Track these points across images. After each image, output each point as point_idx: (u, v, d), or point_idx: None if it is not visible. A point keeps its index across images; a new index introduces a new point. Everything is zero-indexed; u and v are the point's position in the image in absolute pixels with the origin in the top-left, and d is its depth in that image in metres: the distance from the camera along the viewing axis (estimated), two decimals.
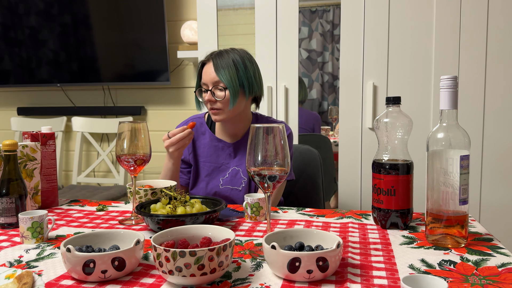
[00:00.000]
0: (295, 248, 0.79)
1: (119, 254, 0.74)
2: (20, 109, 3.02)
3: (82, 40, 2.75)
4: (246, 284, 0.73)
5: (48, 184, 1.32)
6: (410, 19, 1.92)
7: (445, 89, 0.91)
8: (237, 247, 0.92)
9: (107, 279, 0.74)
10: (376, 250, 0.89)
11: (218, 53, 1.35)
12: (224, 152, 1.45)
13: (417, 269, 0.79)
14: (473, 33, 1.88)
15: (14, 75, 2.89)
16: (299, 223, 1.11)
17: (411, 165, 1.03)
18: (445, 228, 0.91)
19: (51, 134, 1.33)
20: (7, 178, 1.08)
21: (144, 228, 1.09)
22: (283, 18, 2.06)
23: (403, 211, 1.03)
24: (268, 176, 0.85)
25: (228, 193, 1.44)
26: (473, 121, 1.90)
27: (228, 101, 1.32)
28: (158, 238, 0.78)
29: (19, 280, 0.69)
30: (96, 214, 1.24)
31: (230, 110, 1.34)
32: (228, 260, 0.74)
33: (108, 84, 2.83)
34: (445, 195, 0.91)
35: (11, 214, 1.08)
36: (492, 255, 0.86)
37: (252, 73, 1.35)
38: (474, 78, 1.89)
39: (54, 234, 1.04)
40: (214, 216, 1.06)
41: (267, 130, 0.84)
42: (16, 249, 0.93)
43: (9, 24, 2.82)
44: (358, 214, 1.19)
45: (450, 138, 0.91)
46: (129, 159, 1.11)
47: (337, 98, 2.96)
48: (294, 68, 2.07)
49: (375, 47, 1.96)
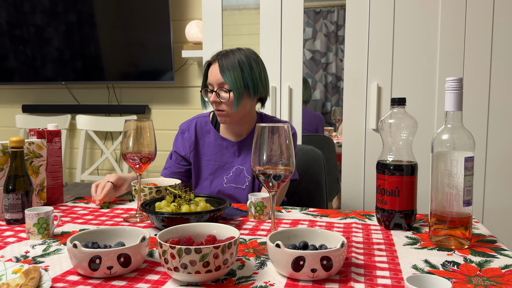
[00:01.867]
0: (299, 247, 0.80)
1: (124, 250, 0.75)
2: (25, 106, 3.04)
3: (87, 39, 2.76)
4: (250, 282, 0.73)
5: (54, 181, 1.33)
6: (415, 20, 1.93)
7: (451, 90, 0.91)
8: (241, 245, 0.93)
9: (112, 275, 0.75)
10: (379, 251, 0.90)
11: (224, 54, 1.35)
12: (228, 150, 1.46)
13: (420, 269, 0.80)
14: (478, 35, 1.88)
15: (19, 72, 2.91)
16: (303, 222, 1.11)
17: (416, 166, 1.04)
18: (448, 229, 0.91)
19: (57, 132, 1.33)
20: (13, 175, 1.09)
21: (148, 225, 1.10)
22: (288, 19, 2.06)
23: (407, 212, 1.03)
24: (273, 175, 0.86)
25: (231, 191, 1.44)
26: (477, 124, 1.90)
27: (233, 102, 1.33)
28: (164, 235, 0.79)
29: (26, 275, 0.70)
30: (100, 211, 1.24)
31: (235, 111, 1.34)
32: (233, 258, 0.75)
33: (112, 83, 2.85)
34: (449, 197, 0.91)
35: (17, 210, 1.09)
36: (496, 256, 0.86)
37: (258, 74, 1.35)
38: (479, 80, 1.89)
39: (60, 230, 1.05)
40: (218, 214, 1.06)
41: (273, 130, 0.85)
42: (23, 244, 0.94)
43: (15, 22, 2.83)
44: (361, 214, 1.20)
45: (455, 139, 0.91)
46: (134, 157, 1.12)
47: (340, 99, 2.96)
48: (298, 68, 2.07)
49: (379, 48, 1.96)
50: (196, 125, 1.49)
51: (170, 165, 1.51)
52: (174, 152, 1.51)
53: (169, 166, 1.52)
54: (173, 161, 1.51)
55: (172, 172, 1.51)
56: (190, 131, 1.48)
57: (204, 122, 1.50)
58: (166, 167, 1.52)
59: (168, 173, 1.51)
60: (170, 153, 1.54)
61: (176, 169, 1.51)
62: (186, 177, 1.52)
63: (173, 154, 1.52)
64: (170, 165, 1.51)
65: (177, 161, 1.50)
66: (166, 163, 1.53)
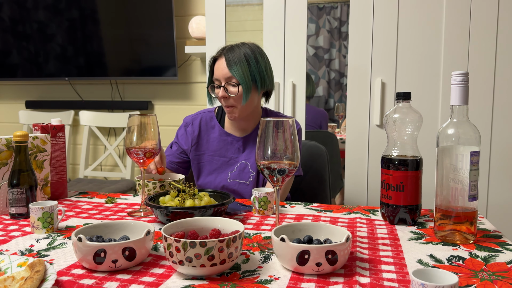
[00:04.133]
0: (304, 241, 0.80)
1: (129, 244, 0.75)
2: (28, 102, 3.04)
3: (90, 35, 2.76)
4: (255, 276, 0.73)
5: (58, 175, 1.33)
6: (419, 15, 1.91)
7: (456, 84, 0.91)
8: (246, 240, 0.93)
9: (117, 268, 0.75)
10: (384, 245, 0.89)
11: (229, 48, 1.35)
12: (233, 146, 1.46)
13: (425, 264, 0.79)
14: (482, 30, 1.87)
15: (23, 68, 2.91)
16: (307, 217, 1.11)
17: (420, 161, 1.03)
18: (454, 224, 0.91)
19: (61, 126, 1.34)
20: (18, 169, 1.10)
21: (153, 220, 1.10)
22: (291, 15, 2.05)
23: (412, 207, 1.03)
24: (278, 170, 0.85)
25: (236, 187, 1.44)
26: (482, 119, 1.89)
27: (241, 96, 1.32)
28: (169, 229, 0.79)
29: (31, 268, 0.70)
30: (105, 206, 1.25)
31: (244, 106, 1.34)
32: (238, 251, 0.74)
33: (115, 79, 2.85)
34: (454, 192, 0.91)
35: (22, 205, 1.09)
36: (501, 251, 0.86)
37: (264, 67, 1.35)
38: (484, 75, 1.88)
39: (64, 224, 1.05)
40: (222, 209, 1.06)
41: (277, 124, 0.85)
42: (27, 238, 0.94)
43: (18, 18, 2.83)
44: (365, 209, 1.19)
45: (460, 134, 0.90)
46: (138, 152, 1.12)
47: (343, 96, 2.95)
48: (302, 64, 2.06)
49: (383, 44, 1.95)
50: (201, 120, 1.49)
51: (170, 153, 1.52)
52: (175, 143, 1.52)
53: (168, 154, 1.52)
54: (173, 151, 1.52)
55: (171, 161, 1.51)
56: (194, 125, 1.48)
57: (209, 117, 1.50)
58: (165, 155, 1.53)
59: (166, 161, 1.51)
60: (171, 142, 1.54)
61: (175, 159, 1.51)
62: (184, 168, 1.53)
63: (174, 145, 1.52)
64: (169, 154, 1.52)
65: (177, 152, 1.52)
66: (166, 151, 1.53)
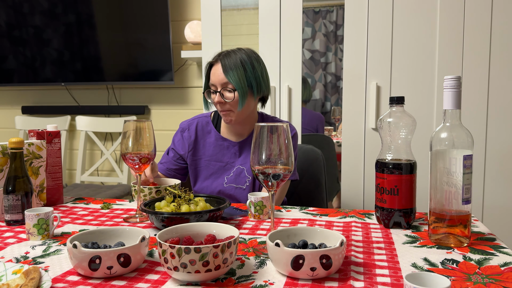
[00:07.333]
0: (299, 246, 0.80)
1: (124, 250, 0.75)
2: (25, 107, 3.04)
3: (86, 40, 2.76)
4: (250, 281, 0.74)
5: (53, 182, 1.33)
6: (413, 19, 1.93)
7: (449, 89, 0.91)
8: (241, 245, 0.93)
9: (112, 275, 0.75)
10: (379, 249, 0.90)
11: (225, 54, 1.36)
12: (229, 151, 1.46)
13: (420, 267, 0.80)
14: (476, 34, 1.88)
15: (19, 74, 2.91)
16: (302, 222, 1.12)
17: (414, 164, 1.04)
18: (448, 227, 0.92)
19: (56, 132, 1.34)
20: (13, 176, 1.10)
21: (148, 225, 1.10)
22: (286, 18, 2.06)
23: (406, 210, 1.04)
24: (272, 175, 0.86)
25: (232, 191, 1.44)
26: (476, 122, 1.90)
27: (237, 102, 1.33)
28: (163, 235, 0.79)
29: (26, 275, 0.70)
30: (100, 211, 1.25)
31: (240, 111, 1.34)
32: (233, 257, 0.75)
33: (112, 84, 2.85)
34: (448, 195, 0.91)
35: (17, 211, 1.09)
36: (495, 254, 0.86)
37: (260, 72, 1.36)
38: (478, 78, 1.89)
39: (60, 231, 1.05)
40: (218, 214, 1.06)
41: (272, 129, 0.85)
42: (22, 245, 0.94)
43: (14, 23, 2.83)
44: (361, 213, 1.20)
45: (453, 138, 0.91)
46: (134, 157, 1.12)
47: (340, 99, 2.96)
48: (298, 68, 2.07)
49: (378, 47, 1.96)
50: (197, 125, 1.49)
51: (167, 160, 1.52)
52: (172, 149, 1.52)
53: (165, 161, 1.52)
54: (170, 157, 1.52)
55: (168, 168, 1.51)
56: (190, 131, 1.49)
57: (205, 122, 1.50)
58: (162, 162, 1.53)
59: (163, 168, 1.51)
60: (168, 148, 1.54)
61: (172, 166, 1.51)
62: (181, 174, 1.53)
63: (171, 151, 1.52)
64: (166, 161, 1.52)
65: (174, 158, 1.51)
66: (163, 158, 1.53)
